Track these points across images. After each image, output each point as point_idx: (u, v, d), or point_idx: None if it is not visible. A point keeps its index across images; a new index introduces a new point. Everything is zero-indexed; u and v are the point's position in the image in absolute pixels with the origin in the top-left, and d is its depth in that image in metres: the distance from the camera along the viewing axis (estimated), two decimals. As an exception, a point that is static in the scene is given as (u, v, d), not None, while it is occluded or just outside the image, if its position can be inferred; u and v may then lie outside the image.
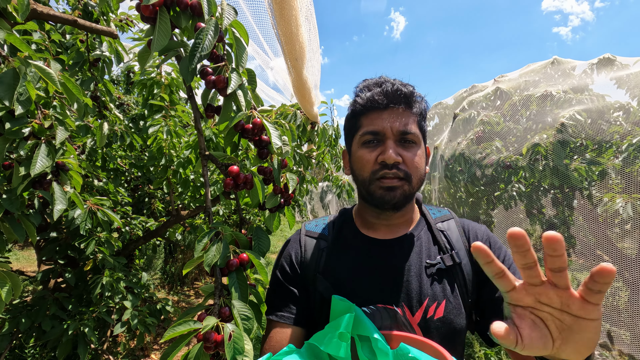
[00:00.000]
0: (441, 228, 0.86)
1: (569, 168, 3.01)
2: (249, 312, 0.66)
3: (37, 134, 1.13)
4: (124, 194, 2.62)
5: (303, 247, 0.88)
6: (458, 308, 0.78)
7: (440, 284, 0.78)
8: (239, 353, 0.60)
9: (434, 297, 0.77)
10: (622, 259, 2.82)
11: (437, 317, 0.76)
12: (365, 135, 0.79)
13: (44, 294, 1.98)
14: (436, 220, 0.88)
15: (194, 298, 5.17)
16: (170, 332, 0.61)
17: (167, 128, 2.25)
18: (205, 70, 0.74)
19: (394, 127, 0.77)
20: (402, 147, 0.78)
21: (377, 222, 0.86)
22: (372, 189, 0.79)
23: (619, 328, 2.84)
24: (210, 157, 0.80)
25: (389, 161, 0.76)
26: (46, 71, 0.96)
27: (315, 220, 0.95)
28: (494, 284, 0.69)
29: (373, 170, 0.78)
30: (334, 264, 0.84)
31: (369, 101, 0.79)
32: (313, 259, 0.85)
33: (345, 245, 0.87)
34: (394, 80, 0.81)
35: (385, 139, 0.78)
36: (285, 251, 0.91)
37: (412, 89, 0.81)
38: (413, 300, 0.77)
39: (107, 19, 1.92)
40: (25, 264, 6.33)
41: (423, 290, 0.78)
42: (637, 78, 3.11)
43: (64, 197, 1.17)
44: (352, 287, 0.80)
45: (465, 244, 0.84)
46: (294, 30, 1.63)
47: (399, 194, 0.77)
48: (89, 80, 1.85)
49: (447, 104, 5.90)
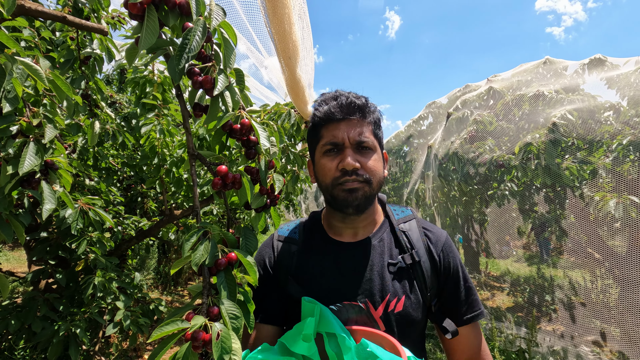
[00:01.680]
0: (403, 229, 0.94)
1: (561, 167, 3.05)
2: (237, 311, 0.66)
3: (25, 132, 1.12)
4: (116, 193, 2.60)
5: (275, 250, 0.96)
6: (417, 302, 0.87)
7: (400, 282, 0.87)
8: (227, 352, 0.60)
9: (395, 293, 0.86)
10: (613, 257, 2.86)
11: (397, 311, 0.85)
12: (326, 145, 0.87)
13: (34, 295, 1.95)
14: (399, 221, 0.96)
15: (187, 298, 5.15)
16: (158, 332, 0.61)
17: (160, 127, 2.23)
18: (193, 70, 0.73)
19: (350, 137, 0.85)
20: (360, 154, 0.86)
21: (343, 226, 0.93)
22: (335, 193, 0.86)
23: (609, 325, 2.88)
24: (199, 156, 0.80)
25: (348, 168, 0.83)
26: (33, 68, 0.94)
27: (287, 225, 1.03)
28: (452, 282, 0.92)
29: (334, 177, 0.85)
30: (304, 266, 0.92)
31: (326, 114, 0.87)
32: (285, 261, 0.93)
33: (314, 248, 0.94)
34: (348, 94, 0.90)
35: (344, 148, 0.85)
36: (258, 255, 0.98)
37: (365, 101, 0.90)
38: (375, 296, 0.85)
39: (98, 16, 1.89)
40: (16, 264, 6.25)
41: (385, 287, 0.86)
42: (627, 78, 3.15)
43: (53, 196, 1.16)
44: (321, 287, 0.88)
45: (425, 242, 0.93)
46: (287, 28, 1.63)
47: (361, 195, 0.84)
48: (80, 79, 1.82)
49: (440, 104, 5.93)
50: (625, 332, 2.69)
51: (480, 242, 4.62)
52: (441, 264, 0.91)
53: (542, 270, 3.91)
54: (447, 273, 0.91)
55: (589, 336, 2.99)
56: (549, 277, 3.67)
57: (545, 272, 3.81)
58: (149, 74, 2.37)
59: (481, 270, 5.34)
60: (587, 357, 2.87)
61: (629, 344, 2.61)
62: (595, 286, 3.12)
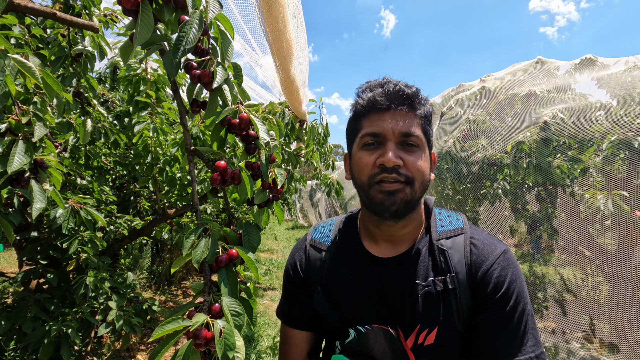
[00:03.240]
0: (443, 246, 0.78)
1: (552, 165, 3.09)
2: (239, 308, 0.65)
3: (14, 130, 1.10)
4: (108, 192, 2.57)
5: (307, 255, 0.89)
6: (451, 336, 0.73)
7: (433, 310, 0.74)
8: (230, 349, 0.59)
9: (426, 323, 0.74)
10: (603, 254, 2.91)
11: (427, 344, 0.73)
12: (365, 137, 0.76)
13: (25, 295, 1.92)
14: (440, 235, 0.80)
15: (181, 298, 5.11)
16: (159, 331, 0.60)
17: (154, 125, 2.21)
18: (190, 65, 0.72)
19: (395, 129, 0.73)
20: (404, 150, 0.74)
21: (379, 233, 0.82)
22: (372, 194, 0.75)
23: (599, 321, 2.93)
24: (197, 152, 0.79)
25: (388, 164, 0.71)
26: (26, 65, 0.93)
27: (322, 226, 0.93)
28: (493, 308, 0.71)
29: (371, 174, 0.74)
30: (333, 279, 0.83)
31: (370, 102, 0.76)
32: (315, 269, 0.86)
33: (345, 259, 0.85)
34: (397, 82, 0.77)
35: (385, 141, 0.74)
36: (291, 258, 0.92)
37: (416, 90, 0.77)
38: (406, 324, 0.75)
39: (89, 13, 1.86)
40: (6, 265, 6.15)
41: (416, 315, 0.74)
42: (617, 78, 3.19)
43: (43, 195, 1.14)
44: (349, 304, 0.80)
45: (468, 265, 0.75)
46: (282, 27, 1.63)
47: (400, 199, 0.72)
48: (71, 76, 1.80)
49: (434, 103, 5.96)
50: (615, 328, 2.74)
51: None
52: (481, 289, 0.73)
53: (534, 268, 3.96)
54: (487, 298, 0.72)
55: (579, 332, 3.04)
56: (541, 274, 3.72)
57: (537, 270, 3.86)
58: (142, 72, 2.34)
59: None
60: (578, 352, 2.92)
61: (619, 339, 2.66)
62: (585, 283, 3.17)
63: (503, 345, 0.69)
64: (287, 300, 0.90)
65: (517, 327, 0.69)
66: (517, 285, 0.73)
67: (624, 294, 2.61)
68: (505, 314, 0.70)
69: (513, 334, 0.69)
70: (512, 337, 0.69)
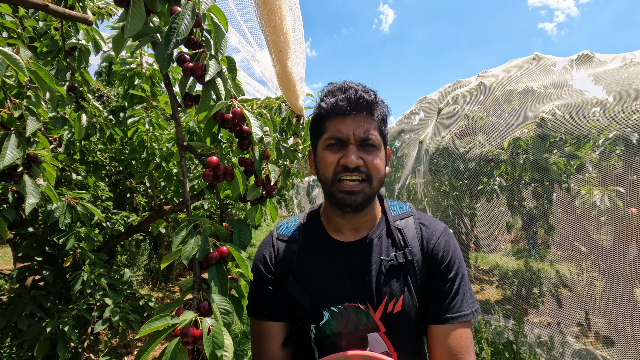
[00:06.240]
0: (399, 226, 0.92)
1: (549, 162, 3.09)
2: (228, 306, 0.64)
3: (6, 124, 1.08)
4: (104, 188, 2.55)
5: (275, 249, 0.94)
6: (413, 302, 0.85)
7: (397, 281, 0.86)
8: (219, 347, 0.59)
9: (392, 294, 0.85)
10: (598, 250, 2.93)
11: (395, 312, 0.84)
12: (330, 139, 0.84)
13: (20, 292, 1.91)
14: (395, 217, 0.94)
15: (178, 294, 5.11)
16: (146, 328, 0.59)
17: (149, 119, 2.19)
18: (183, 57, 0.71)
19: (356, 133, 0.82)
20: (364, 151, 0.84)
21: (343, 222, 0.92)
22: (333, 191, 0.85)
23: (594, 316, 2.96)
24: (189, 147, 0.78)
25: (351, 165, 0.81)
26: (12, 57, 0.91)
27: (286, 222, 1.01)
28: (440, 275, 0.87)
29: (335, 172, 0.84)
30: (304, 265, 0.91)
31: (332, 107, 0.83)
32: (285, 261, 0.92)
33: (314, 248, 0.93)
34: (357, 87, 0.86)
35: (347, 144, 0.83)
36: (259, 253, 0.97)
37: (374, 96, 0.86)
38: (374, 298, 0.85)
39: (83, 6, 1.84)
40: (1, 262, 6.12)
41: (383, 288, 0.85)
42: (614, 74, 3.20)
43: (36, 190, 1.13)
44: (321, 288, 0.87)
45: (419, 238, 0.90)
46: (278, 20, 1.61)
47: (360, 198, 0.83)
48: (65, 70, 1.77)
49: (432, 99, 5.95)
50: (610, 322, 2.76)
51: (470, 236, 4.68)
52: (432, 258, 0.88)
53: (530, 264, 3.98)
54: (437, 267, 0.87)
55: (574, 326, 3.06)
56: (537, 270, 3.74)
57: (533, 265, 3.89)
58: (137, 66, 2.32)
59: (471, 264, 5.41)
60: (573, 346, 2.95)
61: (613, 333, 2.69)
62: (581, 279, 3.19)
63: (451, 303, 0.84)
64: (257, 295, 0.92)
65: (459, 288, 0.86)
66: (457, 254, 0.90)
67: (618, 289, 2.63)
68: (450, 279, 0.86)
69: (457, 294, 0.85)
70: (456, 296, 0.85)
